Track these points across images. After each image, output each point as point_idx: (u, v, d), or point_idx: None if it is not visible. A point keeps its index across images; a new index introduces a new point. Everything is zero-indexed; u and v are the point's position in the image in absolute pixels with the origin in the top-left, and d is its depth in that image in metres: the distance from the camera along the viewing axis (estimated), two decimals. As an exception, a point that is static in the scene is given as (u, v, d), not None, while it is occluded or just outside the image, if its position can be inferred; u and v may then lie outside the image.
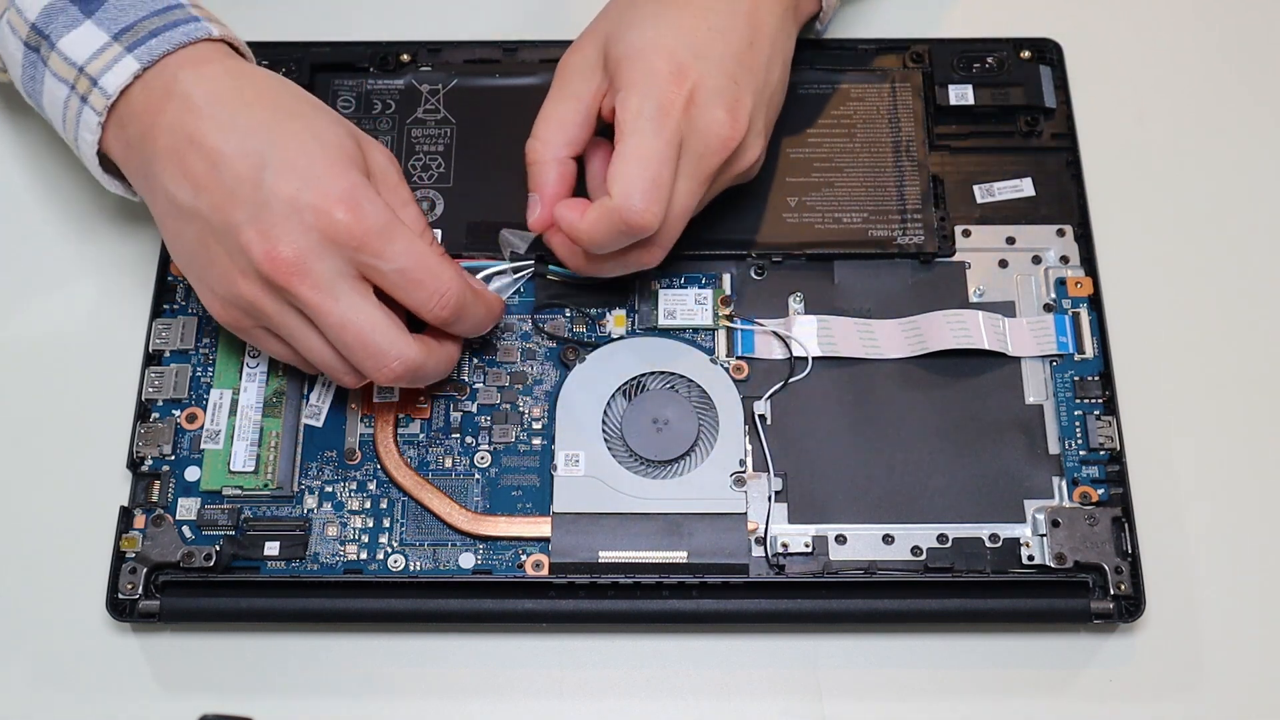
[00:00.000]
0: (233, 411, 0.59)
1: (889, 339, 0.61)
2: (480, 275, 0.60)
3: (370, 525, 0.58)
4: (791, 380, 0.60)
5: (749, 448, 0.59)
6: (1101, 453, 0.59)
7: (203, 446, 0.59)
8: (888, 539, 0.57)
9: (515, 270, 0.61)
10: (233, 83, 0.54)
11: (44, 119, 0.59)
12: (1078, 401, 0.60)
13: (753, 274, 0.62)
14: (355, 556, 0.57)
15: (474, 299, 0.55)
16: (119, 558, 0.57)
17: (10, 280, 0.64)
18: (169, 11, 0.56)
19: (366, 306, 0.53)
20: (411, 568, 0.57)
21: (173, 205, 0.54)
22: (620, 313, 0.62)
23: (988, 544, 0.57)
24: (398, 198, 0.56)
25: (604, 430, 0.59)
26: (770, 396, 0.60)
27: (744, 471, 0.58)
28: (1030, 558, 0.57)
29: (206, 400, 0.60)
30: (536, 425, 0.60)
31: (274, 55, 0.66)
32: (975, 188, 0.64)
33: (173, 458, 0.59)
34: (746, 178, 0.59)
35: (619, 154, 0.54)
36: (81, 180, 0.66)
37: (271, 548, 0.57)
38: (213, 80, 0.54)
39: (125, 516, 0.58)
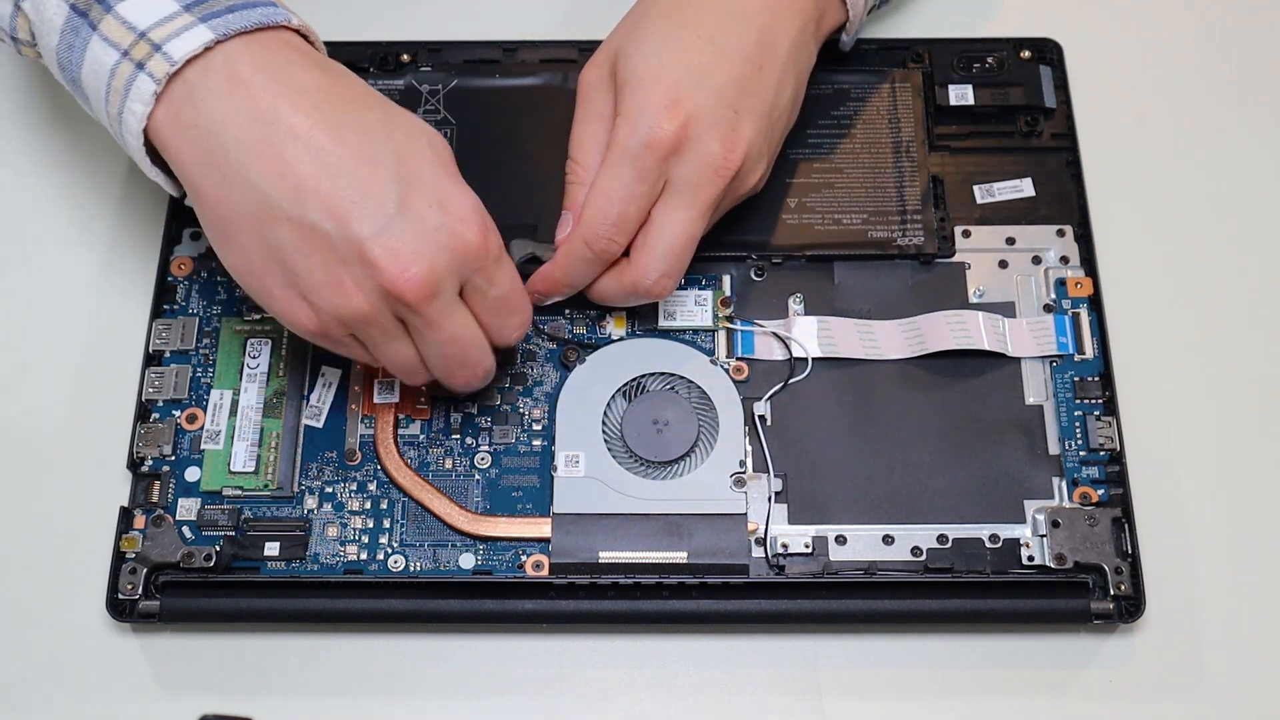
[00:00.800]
0: (233, 412, 0.59)
1: (889, 340, 0.61)
2: None
3: (370, 526, 0.58)
4: (791, 381, 0.60)
5: (749, 448, 0.59)
6: (1101, 453, 0.59)
7: (203, 447, 0.59)
8: (888, 539, 0.57)
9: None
10: (324, 75, 0.51)
11: (76, 96, 0.55)
12: (1078, 402, 0.60)
13: (752, 275, 0.62)
14: (355, 557, 0.57)
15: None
16: (119, 558, 0.57)
17: (10, 280, 0.64)
18: None
19: (471, 323, 0.53)
20: (411, 568, 0.57)
21: (263, 206, 0.50)
22: (620, 314, 0.62)
23: (988, 544, 0.57)
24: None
25: (604, 431, 0.59)
26: (770, 397, 0.60)
27: (744, 472, 0.58)
28: (1030, 558, 0.57)
29: (207, 401, 0.60)
30: (537, 426, 0.60)
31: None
32: (975, 188, 0.64)
33: (173, 458, 0.59)
34: (751, 194, 0.59)
35: (594, 184, 0.55)
36: (82, 180, 0.66)
37: (271, 548, 0.57)
38: (302, 70, 0.51)
39: (125, 517, 0.58)
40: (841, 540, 0.57)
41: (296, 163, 0.49)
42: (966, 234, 0.63)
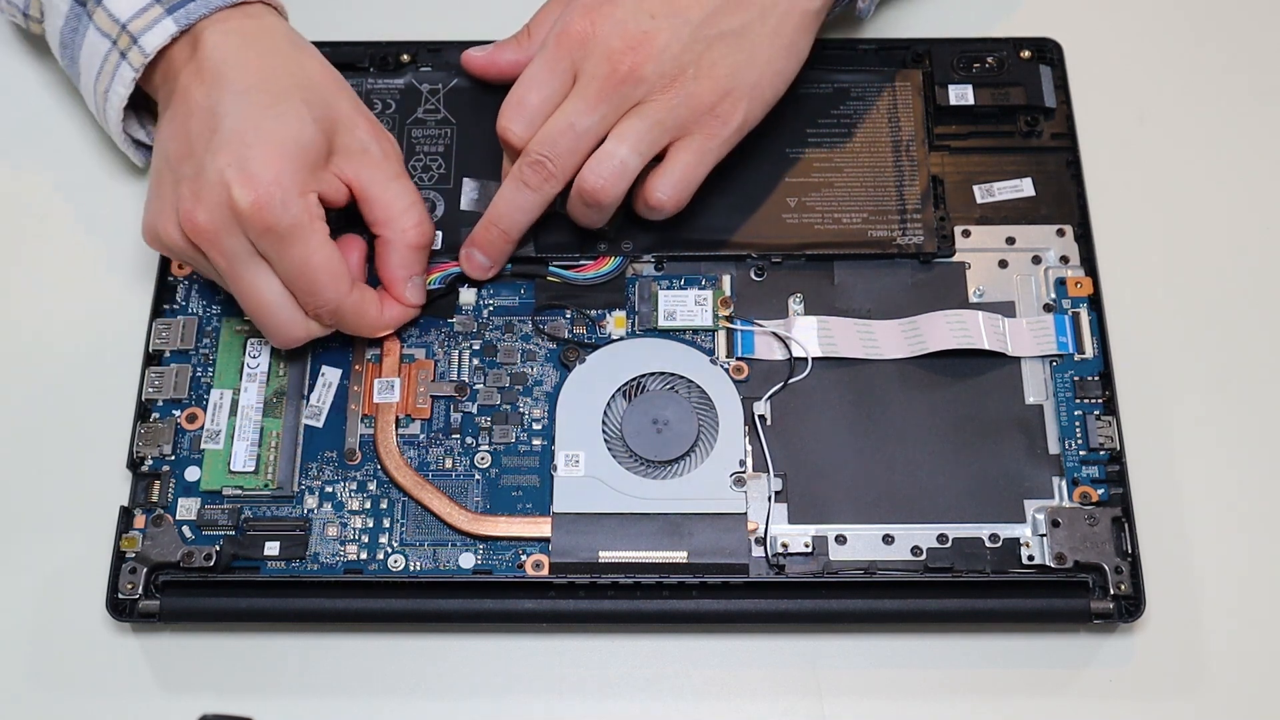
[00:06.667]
0: (233, 411, 0.59)
1: (889, 339, 0.61)
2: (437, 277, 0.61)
3: (370, 525, 0.58)
4: (791, 381, 0.60)
5: (749, 448, 0.59)
6: (1101, 453, 0.59)
7: (203, 446, 0.59)
8: (888, 539, 0.57)
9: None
10: (243, 44, 0.57)
11: (69, 72, 0.62)
12: (1078, 401, 0.60)
13: (752, 275, 0.62)
14: (355, 556, 0.57)
15: (359, 310, 0.58)
16: (119, 558, 0.57)
17: (10, 280, 0.64)
18: None
19: (268, 284, 0.56)
20: (411, 568, 0.57)
21: (159, 137, 0.58)
22: (620, 314, 0.62)
23: (988, 544, 0.57)
24: (384, 172, 0.58)
25: (604, 431, 0.59)
26: (770, 397, 0.60)
27: (744, 472, 0.58)
28: (1030, 558, 0.57)
29: (207, 400, 0.60)
30: (536, 426, 0.60)
31: (274, 55, 0.66)
32: (975, 188, 0.64)
33: (173, 458, 0.59)
34: (716, 135, 0.59)
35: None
36: (82, 180, 0.66)
37: (271, 548, 0.57)
38: (228, 41, 0.57)
39: (125, 516, 0.58)
40: (841, 540, 0.57)
41: (178, 109, 0.57)
42: (966, 234, 0.63)
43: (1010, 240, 0.63)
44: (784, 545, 0.57)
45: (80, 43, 0.60)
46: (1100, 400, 0.60)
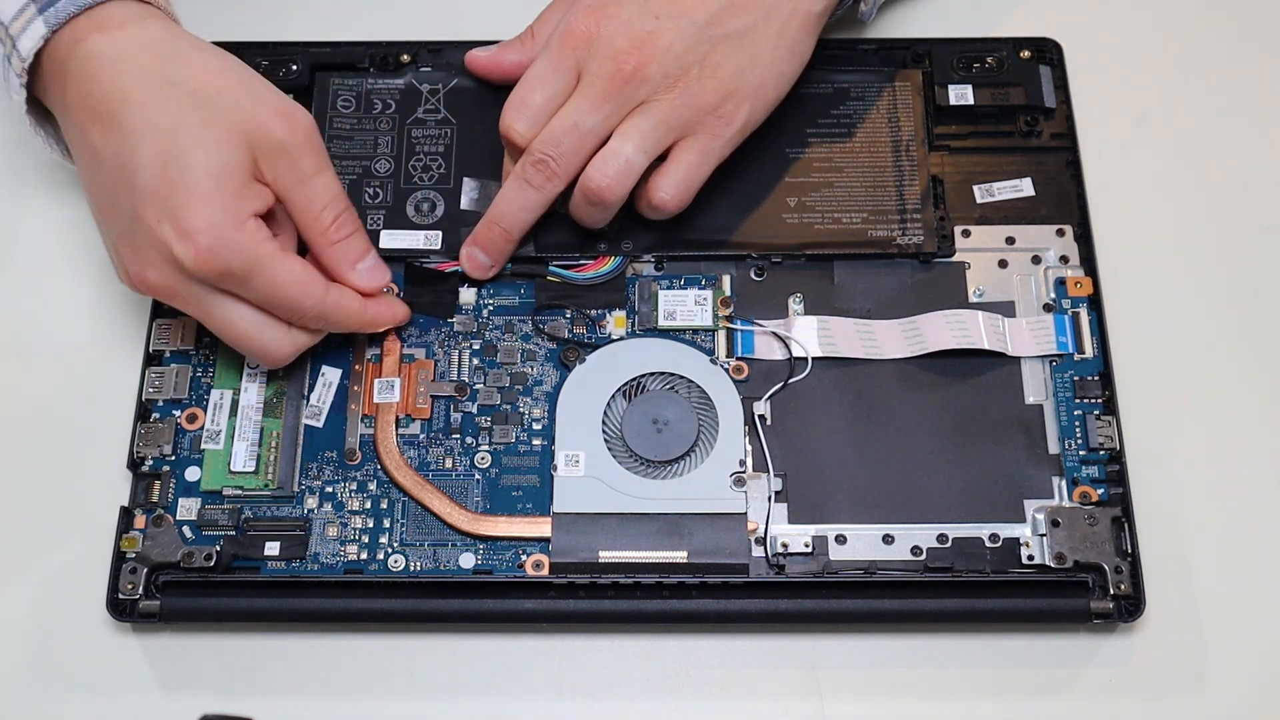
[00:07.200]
0: (233, 411, 0.59)
1: (889, 339, 0.61)
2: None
3: (370, 525, 0.58)
4: (791, 381, 0.60)
5: (749, 448, 0.59)
6: (1101, 453, 0.59)
7: (203, 446, 0.59)
8: (888, 539, 0.57)
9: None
10: (124, 67, 0.54)
11: None
12: (1077, 401, 0.60)
13: (752, 275, 0.62)
14: (355, 556, 0.57)
15: (341, 307, 0.57)
16: (119, 558, 0.57)
17: (10, 280, 0.64)
18: None
19: (240, 314, 0.55)
20: (411, 568, 0.57)
21: (82, 180, 0.56)
22: (620, 314, 0.62)
23: (988, 544, 0.57)
24: (299, 171, 0.55)
25: (604, 431, 0.59)
26: (770, 397, 0.60)
27: (744, 471, 0.58)
28: (1030, 558, 0.57)
29: (207, 400, 0.60)
30: (537, 426, 0.60)
31: (274, 55, 0.66)
32: (975, 188, 0.64)
33: (173, 458, 0.59)
34: (719, 135, 0.59)
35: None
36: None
37: (272, 548, 0.57)
38: (107, 69, 0.54)
39: (125, 516, 0.58)
40: (841, 540, 0.57)
41: (81, 158, 0.56)
42: (966, 233, 0.63)
43: (1010, 240, 0.63)
44: (784, 545, 0.57)
45: None
46: (1100, 400, 0.60)
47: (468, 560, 0.57)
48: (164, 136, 0.53)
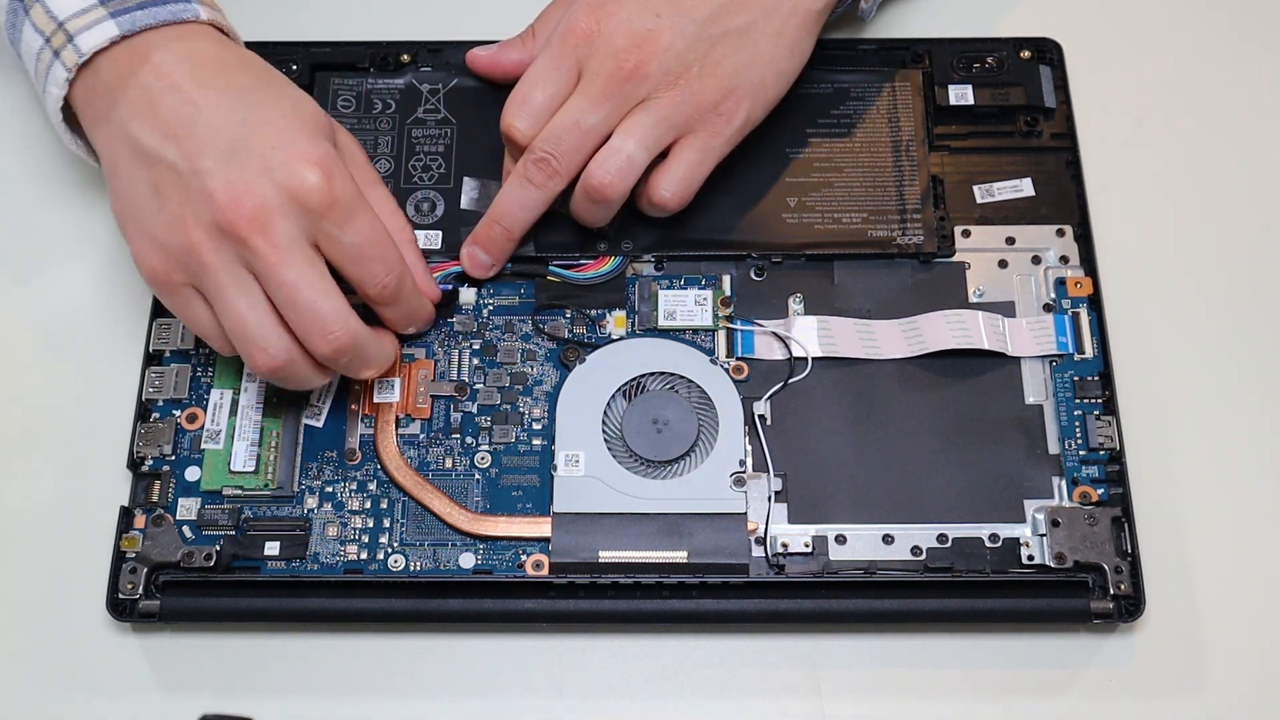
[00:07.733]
0: (233, 411, 0.59)
1: (889, 339, 0.61)
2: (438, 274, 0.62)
3: (370, 525, 0.58)
4: (791, 381, 0.60)
5: (749, 448, 0.59)
6: (1101, 453, 0.59)
7: (203, 446, 0.59)
8: (888, 539, 0.57)
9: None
10: (214, 54, 0.55)
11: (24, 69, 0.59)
12: (1077, 401, 0.60)
13: (752, 275, 0.62)
14: (355, 556, 0.57)
15: (414, 289, 0.58)
16: (119, 558, 0.57)
17: (10, 280, 0.64)
18: None
19: (319, 272, 0.53)
20: (411, 568, 0.57)
21: (133, 149, 0.54)
22: (620, 314, 0.62)
23: (988, 544, 0.57)
24: (366, 177, 0.59)
25: (604, 431, 0.59)
26: (770, 397, 0.60)
27: (744, 471, 0.58)
28: (1030, 558, 0.57)
29: (207, 400, 0.60)
30: (537, 426, 0.60)
31: (274, 55, 0.65)
32: (975, 188, 0.64)
33: (173, 458, 0.59)
34: (719, 133, 0.59)
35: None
36: (82, 179, 0.66)
37: (272, 548, 0.57)
38: (192, 54, 0.55)
39: (125, 516, 0.58)
40: (841, 540, 0.57)
41: (167, 111, 0.53)
42: (966, 233, 0.63)
43: (1010, 240, 0.63)
44: (784, 545, 0.57)
45: (19, 39, 0.57)
46: (1100, 400, 0.60)
47: (468, 560, 0.57)
48: (277, 90, 0.55)
